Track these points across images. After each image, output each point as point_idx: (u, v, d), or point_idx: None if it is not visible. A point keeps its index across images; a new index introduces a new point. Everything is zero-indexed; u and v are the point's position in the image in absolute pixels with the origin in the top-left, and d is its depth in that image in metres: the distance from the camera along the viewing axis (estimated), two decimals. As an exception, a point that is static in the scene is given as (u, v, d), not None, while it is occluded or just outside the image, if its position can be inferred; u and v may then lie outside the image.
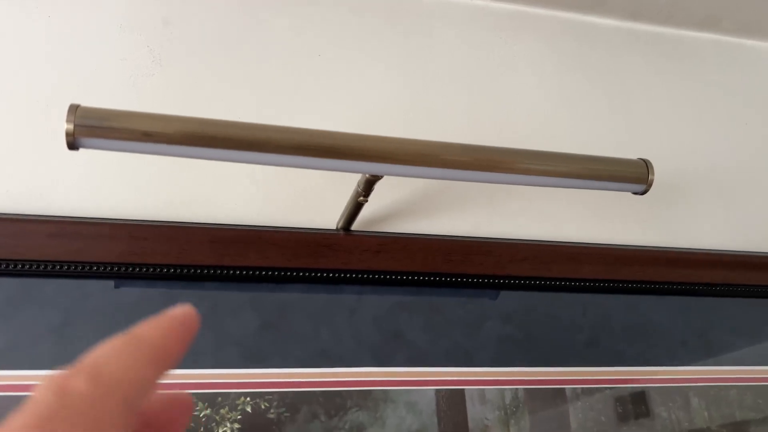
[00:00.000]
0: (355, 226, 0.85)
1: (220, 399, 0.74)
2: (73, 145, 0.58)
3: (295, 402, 0.76)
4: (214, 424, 0.73)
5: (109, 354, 0.19)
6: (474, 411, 0.82)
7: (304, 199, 0.87)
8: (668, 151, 1.08)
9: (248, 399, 0.75)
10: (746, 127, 1.15)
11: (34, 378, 0.69)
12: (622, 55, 1.14)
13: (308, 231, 0.83)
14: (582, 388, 0.88)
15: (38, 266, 0.71)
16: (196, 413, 0.73)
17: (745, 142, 1.13)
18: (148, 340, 0.19)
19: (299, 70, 0.95)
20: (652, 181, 0.72)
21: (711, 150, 1.11)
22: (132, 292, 0.75)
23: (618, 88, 1.11)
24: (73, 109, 0.58)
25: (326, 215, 0.86)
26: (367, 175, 0.73)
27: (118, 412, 0.18)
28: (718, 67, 1.19)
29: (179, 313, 0.20)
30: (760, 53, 1.23)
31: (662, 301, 0.96)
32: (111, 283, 0.75)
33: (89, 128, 0.58)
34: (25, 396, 0.68)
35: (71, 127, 0.57)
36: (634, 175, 0.72)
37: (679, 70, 1.16)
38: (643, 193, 0.74)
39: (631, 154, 1.02)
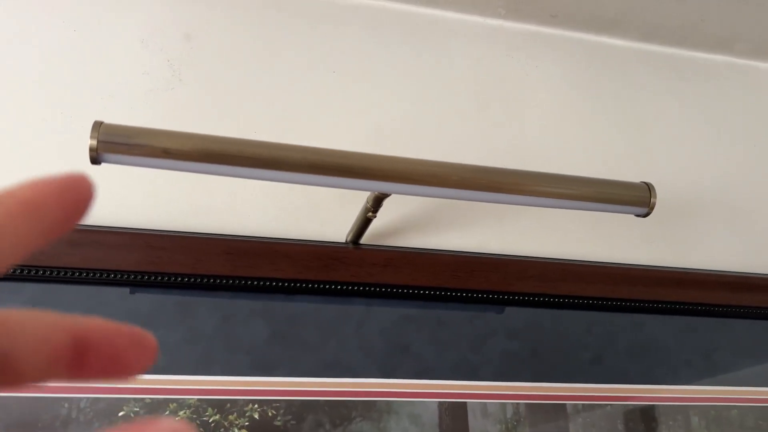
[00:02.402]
0: (364, 240, 0.87)
1: (228, 405, 0.76)
2: (95, 160, 0.61)
3: (301, 410, 0.78)
4: (222, 429, 0.75)
5: None
6: (476, 424, 0.84)
7: (316, 213, 0.89)
8: (678, 172, 1.09)
9: (256, 406, 0.77)
10: (755, 148, 1.15)
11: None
12: (636, 76, 1.15)
13: (319, 244, 0.85)
14: (583, 405, 0.89)
15: (58, 273, 0.74)
16: (205, 418, 0.75)
17: (755, 164, 1.14)
18: (19, 195, 0.18)
19: (314, 87, 0.97)
20: (654, 204, 0.74)
21: (720, 171, 1.12)
22: (147, 300, 0.78)
23: (631, 109, 1.12)
24: (97, 126, 0.61)
25: (336, 228, 0.89)
26: (376, 193, 0.75)
27: None
28: (731, 90, 1.20)
29: (64, 177, 0.19)
30: (773, 76, 1.24)
31: (667, 320, 0.97)
32: (127, 290, 0.78)
33: (112, 144, 0.61)
34: (42, 398, 0.71)
35: (95, 143, 0.60)
36: (637, 199, 0.74)
37: (692, 92, 1.17)
38: (646, 215, 0.75)
39: (642, 174, 1.04)
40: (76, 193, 0.19)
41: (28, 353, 0.17)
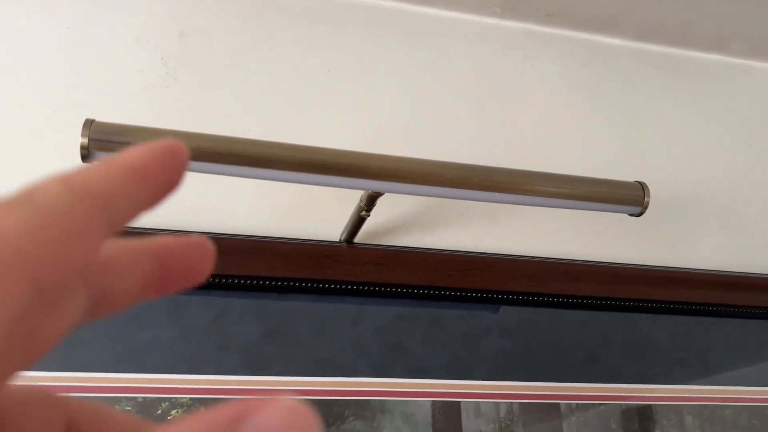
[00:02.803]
0: (358, 239, 0.87)
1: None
2: (86, 158, 0.61)
3: (294, 409, 0.78)
4: (215, 428, 0.75)
5: (82, 169, 0.18)
6: (469, 423, 0.84)
7: (309, 211, 0.89)
8: (674, 171, 1.09)
9: (249, 405, 0.77)
10: (750, 148, 1.15)
11: (42, 379, 0.72)
12: (632, 75, 1.15)
13: (312, 243, 0.85)
14: (577, 404, 0.89)
15: (51, 271, 0.74)
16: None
17: (749, 163, 1.14)
18: (128, 160, 0.18)
19: (309, 85, 0.97)
20: (647, 203, 0.74)
21: (715, 171, 1.12)
22: (140, 298, 0.78)
23: (627, 108, 1.12)
24: (88, 124, 0.61)
25: (330, 227, 0.89)
26: (369, 191, 0.75)
27: (96, 219, 0.17)
28: (727, 89, 1.20)
29: (164, 142, 0.19)
30: (769, 75, 1.24)
31: (661, 319, 0.97)
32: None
33: (103, 143, 0.61)
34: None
35: (86, 141, 0.60)
36: (631, 198, 0.74)
37: (688, 91, 1.17)
38: (639, 215, 0.75)
39: (638, 173, 1.04)
40: (176, 156, 0.19)
41: (123, 283, 0.19)
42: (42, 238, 0.15)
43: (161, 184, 0.19)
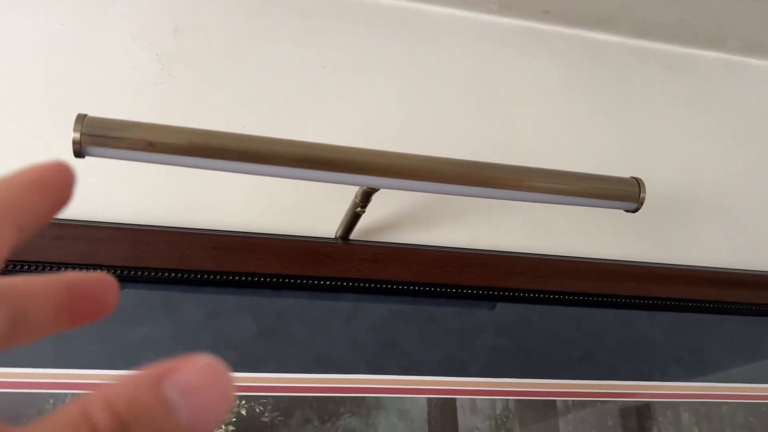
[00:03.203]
0: (353, 236, 0.87)
1: (215, 401, 0.76)
2: (79, 153, 0.61)
3: (289, 406, 0.78)
4: (209, 425, 0.75)
5: None
6: (465, 420, 0.83)
7: (304, 208, 0.89)
8: (670, 168, 1.09)
9: (243, 402, 0.77)
10: (747, 145, 1.15)
11: (35, 376, 0.72)
12: (628, 72, 1.15)
13: (307, 239, 0.85)
14: (573, 401, 0.89)
15: (43, 268, 0.74)
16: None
17: (746, 160, 1.14)
18: (26, 175, 0.20)
19: (305, 81, 0.97)
20: (643, 199, 0.74)
21: (711, 167, 1.12)
22: (133, 295, 0.77)
23: (623, 105, 1.12)
24: (80, 119, 0.60)
25: (326, 224, 0.88)
26: (364, 187, 0.75)
27: (2, 223, 0.19)
28: (724, 86, 1.20)
29: (51, 162, 0.21)
30: (766, 72, 1.24)
31: (657, 316, 0.97)
32: (114, 285, 0.77)
33: (95, 137, 0.60)
34: (27, 393, 0.71)
35: (78, 136, 0.60)
36: (626, 194, 0.74)
37: (685, 88, 1.17)
38: (635, 210, 0.75)
39: (634, 169, 1.03)
40: (65, 173, 0.21)
41: (40, 311, 0.20)
42: None
43: (57, 196, 0.21)
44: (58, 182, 0.21)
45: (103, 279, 0.23)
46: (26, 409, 0.71)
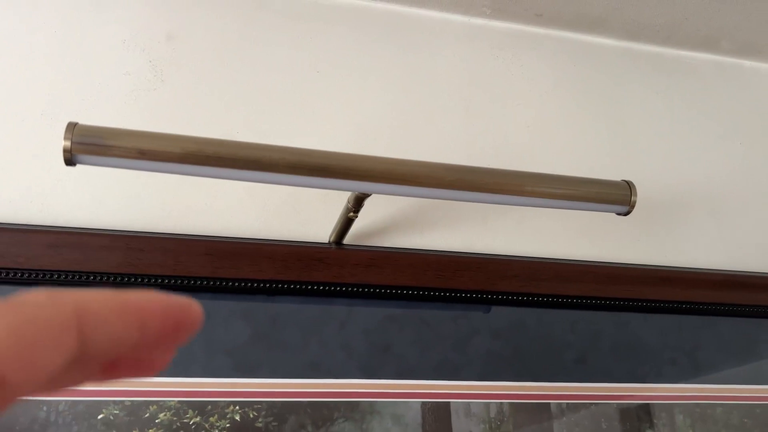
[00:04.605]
0: (347, 240, 0.87)
1: (209, 407, 0.76)
2: (70, 162, 0.61)
3: (283, 412, 0.78)
4: (203, 431, 0.75)
5: (85, 291, 0.18)
6: (459, 424, 0.84)
7: (298, 213, 0.89)
8: (663, 170, 1.09)
9: (237, 408, 0.77)
10: (740, 146, 1.16)
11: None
12: (621, 74, 1.15)
13: (300, 244, 0.85)
14: (568, 404, 0.89)
15: (37, 275, 0.74)
16: (185, 420, 0.75)
17: (739, 161, 1.14)
18: (132, 298, 0.19)
19: (298, 86, 0.97)
20: (634, 202, 0.74)
21: (705, 169, 1.12)
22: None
23: (616, 108, 1.12)
24: (71, 127, 0.60)
25: (319, 229, 0.88)
26: (356, 193, 0.75)
27: (71, 324, 0.17)
28: (717, 87, 1.20)
29: (183, 300, 0.19)
30: (759, 74, 1.24)
31: (651, 319, 0.97)
32: (108, 292, 0.77)
33: (86, 146, 0.60)
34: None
35: (68, 144, 0.60)
36: (618, 197, 0.74)
37: (678, 90, 1.17)
38: (626, 214, 0.75)
39: (628, 172, 1.04)
40: (183, 316, 0.19)
41: (105, 352, 0.18)
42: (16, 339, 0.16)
43: (152, 335, 0.19)
44: (166, 320, 0.19)
45: (185, 307, 0.20)
46: (20, 418, 0.71)
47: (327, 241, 0.87)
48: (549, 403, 0.88)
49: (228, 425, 0.76)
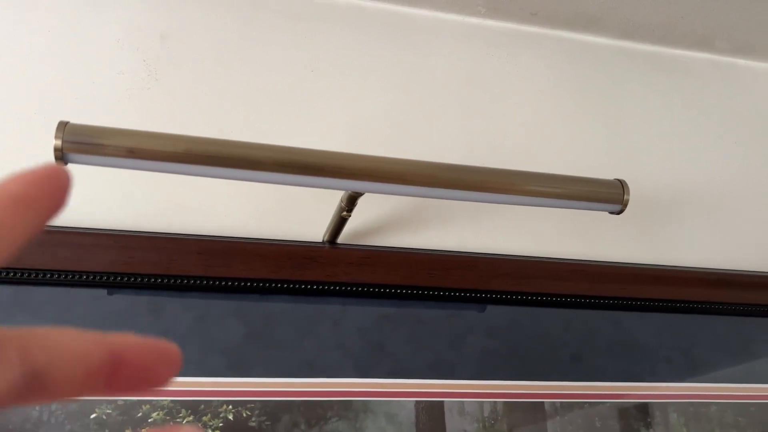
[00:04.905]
0: (341, 239, 0.87)
1: (202, 406, 0.76)
2: (61, 161, 0.61)
3: (276, 411, 0.78)
4: (196, 430, 0.75)
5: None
6: (453, 423, 0.84)
7: (291, 212, 0.89)
8: (658, 169, 1.09)
9: (230, 407, 0.77)
10: (735, 146, 1.16)
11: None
12: (617, 73, 1.15)
13: (294, 243, 0.85)
14: (562, 403, 0.89)
15: (30, 274, 0.74)
16: (178, 420, 0.75)
17: (734, 160, 1.15)
18: (7, 190, 0.19)
19: (293, 85, 0.97)
20: (627, 201, 0.74)
21: (700, 168, 1.12)
22: (120, 301, 0.77)
23: (612, 107, 1.12)
24: (62, 126, 0.60)
25: (313, 228, 0.88)
26: (349, 192, 0.75)
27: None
28: (712, 87, 1.20)
29: (45, 168, 0.20)
30: (754, 73, 1.24)
31: (646, 317, 0.97)
32: (100, 291, 0.77)
33: (77, 145, 0.60)
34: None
35: (59, 143, 0.60)
36: (610, 196, 0.74)
37: (673, 89, 1.17)
38: (619, 212, 0.75)
39: (623, 171, 1.04)
40: (57, 181, 0.20)
41: (65, 369, 0.18)
42: None
43: (43, 209, 0.19)
44: (45, 193, 0.19)
45: (162, 350, 0.20)
46: (12, 417, 0.71)
47: (320, 240, 0.87)
48: (543, 402, 0.88)
49: (221, 424, 0.76)
